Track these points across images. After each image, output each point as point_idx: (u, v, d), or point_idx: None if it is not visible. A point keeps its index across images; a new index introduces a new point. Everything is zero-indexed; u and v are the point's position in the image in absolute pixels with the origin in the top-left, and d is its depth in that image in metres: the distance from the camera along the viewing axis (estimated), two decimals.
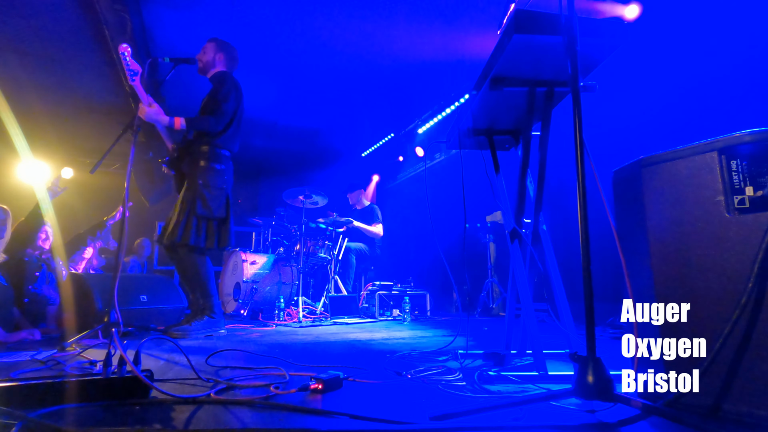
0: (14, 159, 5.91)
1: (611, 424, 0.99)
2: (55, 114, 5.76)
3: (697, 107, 3.08)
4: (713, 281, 1.08)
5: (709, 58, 3.03)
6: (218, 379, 1.37)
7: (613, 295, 3.30)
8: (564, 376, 1.43)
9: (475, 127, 1.88)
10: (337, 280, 4.73)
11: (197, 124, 2.68)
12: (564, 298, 1.56)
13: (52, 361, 1.69)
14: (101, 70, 4.66)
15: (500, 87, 1.50)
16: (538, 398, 1.16)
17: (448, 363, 1.73)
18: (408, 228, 6.46)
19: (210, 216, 2.69)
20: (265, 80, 4.88)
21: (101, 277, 3.07)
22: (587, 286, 1.00)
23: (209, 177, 2.71)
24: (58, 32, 3.98)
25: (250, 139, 6.55)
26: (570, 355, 1.05)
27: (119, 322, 2.15)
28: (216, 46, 2.92)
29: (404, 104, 5.55)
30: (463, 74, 4.67)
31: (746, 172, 1.07)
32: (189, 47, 4.04)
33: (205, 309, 2.71)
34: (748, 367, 1.00)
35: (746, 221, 1.04)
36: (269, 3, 3.61)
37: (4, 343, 2.24)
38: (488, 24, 3.83)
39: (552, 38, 1.29)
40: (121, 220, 2.18)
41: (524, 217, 1.71)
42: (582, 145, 1.06)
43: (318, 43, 4.19)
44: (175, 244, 2.66)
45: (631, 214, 1.28)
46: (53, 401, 1.07)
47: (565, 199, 3.72)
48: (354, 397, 1.23)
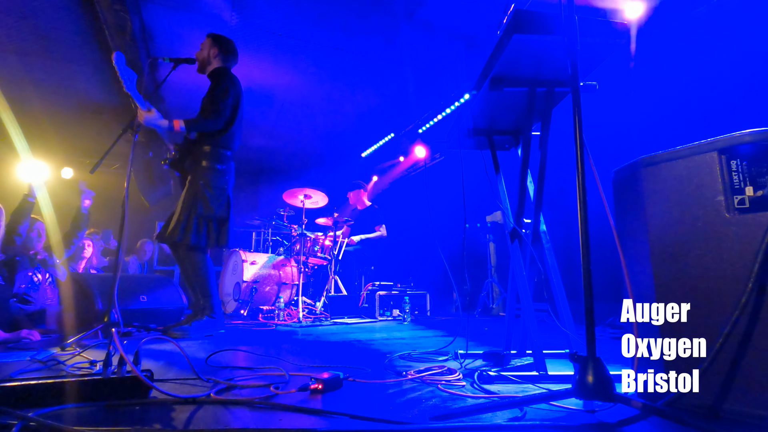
0: (14, 159, 5.91)
1: (611, 424, 0.99)
2: (55, 114, 5.76)
3: (697, 107, 3.08)
4: (713, 281, 1.08)
5: (709, 58, 3.03)
6: (218, 379, 1.37)
7: (613, 295, 3.29)
8: (564, 376, 1.43)
9: (475, 127, 1.88)
10: (337, 280, 4.73)
11: (197, 126, 2.67)
12: (564, 298, 1.56)
13: (52, 361, 1.69)
14: (101, 70, 4.66)
15: (500, 87, 1.50)
16: (538, 398, 1.16)
17: (448, 363, 1.73)
18: (408, 228, 6.46)
19: (211, 216, 2.69)
20: (265, 79, 4.88)
21: (101, 277, 3.07)
22: (587, 286, 1.00)
23: (211, 177, 2.71)
24: (58, 32, 3.98)
25: (249, 140, 6.55)
26: (570, 355, 1.05)
27: (119, 322, 2.15)
28: (211, 42, 2.89)
29: (404, 104, 5.55)
30: (463, 74, 4.67)
31: (746, 172, 1.07)
32: (189, 47, 4.04)
33: (205, 309, 2.71)
34: (748, 367, 1.00)
35: (746, 221, 1.04)
36: (270, 3, 3.61)
37: (4, 342, 2.24)
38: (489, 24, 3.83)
39: (552, 38, 1.29)
40: (121, 220, 2.18)
41: (524, 217, 1.71)
42: (582, 145, 1.06)
43: (318, 42, 4.19)
44: (176, 244, 2.66)
45: (631, 214, 1.28)
46: (53, 401, 1.07)
47: (565, 199, 3.72)
48: (354, 397, 1.23)
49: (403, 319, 4.03)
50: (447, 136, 2.05)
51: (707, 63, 3.03)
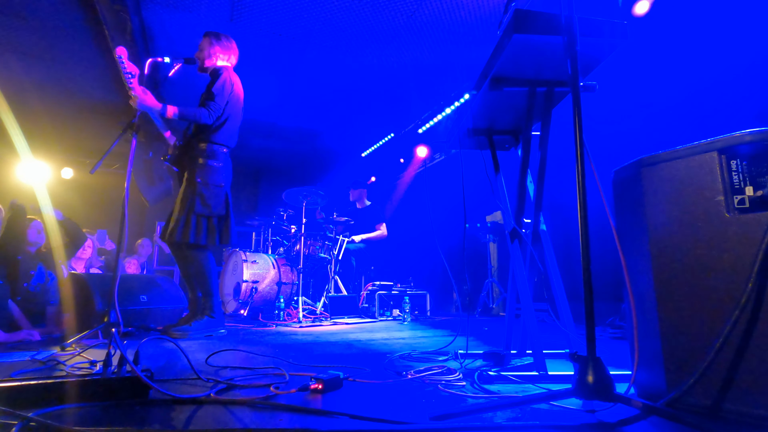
0: (14, 159, 5.92)
1: (611, 424, 0.99)
2: (55, 114, 5.76)
3: (697, 107, 3.08)
4: (713, 281, 1.08)
5: (709, 58, 3.03)
6: (218, 379, 1.37)
7: (613, 295, 3.30)
8: (564, 376, 1.43)
9: (475, 127, 1.88)
10: (337, 280, 4.73)
11: (189, 115, 2.66)
12: (564, 298, 1.56)
13: (52, 361, 1.69)
14: (101, 71, 4.66)
15: (500, 87, 1.50)
16: (538, 398, 1.16)
17: (448, 363, 1.73)
18: (408, 228, 6.46)
19: (209, 213, 2.69)
20: (265, 80, 4.88)
21: (101, 277, 3.07)
22: (587, 286, 1.00)
23: (207, 174, 2.70)
24: (58, 32, 3.98)
25: (250, 139, 6.55)
26: (570, 355, 1.05)
27: (119, 322, 2.15)
28: (210, 41, 2.88)
29: (404, 104, 5.55)
30: (463, 74, 4.67)
31: (746, 172, 1.07)
32: (189, 47, 4.04)
33: (205, 309, 2.71)
34: (748, 367, 1.00)
35: (746, 221, 1.04)
36: (269, 3, 3.61)
37: (4, 343, 2.24)
38: (489, 23, 3.83)
39: (552, 38, 1.29)
40: (121, 220, 2.18)
41: (524, 217, 1.71)
42: (582, 145, 1.06)
43: (318, 42, 4.19)
44: (176, 243, 2.66)
45: (631, 214, 1.28)
46: (53, 401, 1.07)
47: (565, 199, 3.72)
48: (354, 397, 1.23)
49: (403, 319, 4.03)
50: (447, 136, 2.05)
51: (707, 63, 3.03)
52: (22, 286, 2.87)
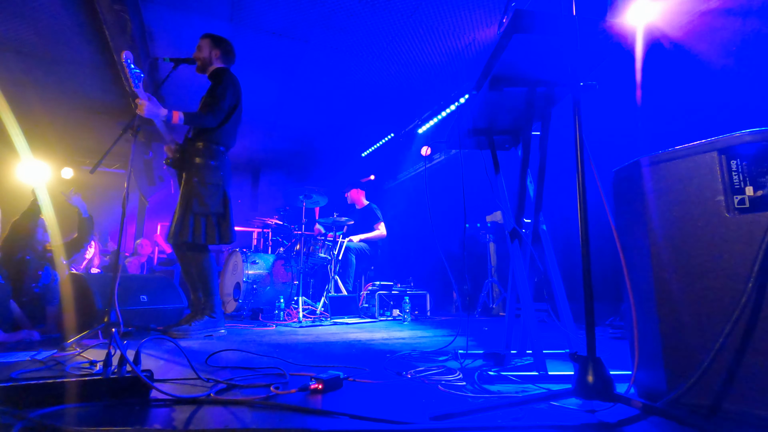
0: (14, 159, 5.92)
1: (611, 424, 0.99)
2: (55, 114, 5.76)
3: (697, 107, 3.08)
4: (713, 281, 1.08)
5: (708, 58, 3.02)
6: (218, 380, 1.37)
7: (613, 295, 3.30)
8: (564, 376, 1.43)
9: (475, 127, 1.88)
10: (337, 280, 4.73)
11: (195, 120, 2.67)
12: (564, 298, 1.56)
13: (52, 361, 1.69)
14: (101, 71, 4.66)
15: (500, 87, 1.50)
16: (538, 398, 1.16)
17: (448, 363, 1.73)
18: (408, 228, 6.46)
19: (207, 212, 2.69)
20: (264, 80, 4.88)
21: (101, 277, 3.07)
22: (587, 286, 1.00)
23: (204, 173, 2.71)
24: (58, 32, 3.98)
25: (250, 139, 6.56)
26: (570, 355, 1.05)
27: (119, 322, 2.15)
28: (211, 43, 2.91)
29: (404, 104, 5.55)
30: (462, 74, 4.67)
31: (746, 172, 1.07)
32: (189, 47, 4.04)
33: (205, 308, 2.71)
34: (748, 367, 1.00)
35: (746, 221, 1.04)
36: (269, 3, 3.61)
37: (4, 343, 2.24)
38: (489, 23, 3.83)
39: (552, 38, 1.29)
40: (121, 220, 2.18)
41: (524, 217, 1.71)
42: (582, 145, 1.06)
43: (318, 42, 4.19)
44: (176, 243, 2.66)
45: (631, 214, 1.28)
46: (53, 401, 1.07)
47: (565, 199, 3.72)
48: (354, 397, 1.23)
49: (403, 319, 4.03)
50: (447, 136, 2.05)
51: (707, 62, 3.03)
52: (30, 286, 2.86)
